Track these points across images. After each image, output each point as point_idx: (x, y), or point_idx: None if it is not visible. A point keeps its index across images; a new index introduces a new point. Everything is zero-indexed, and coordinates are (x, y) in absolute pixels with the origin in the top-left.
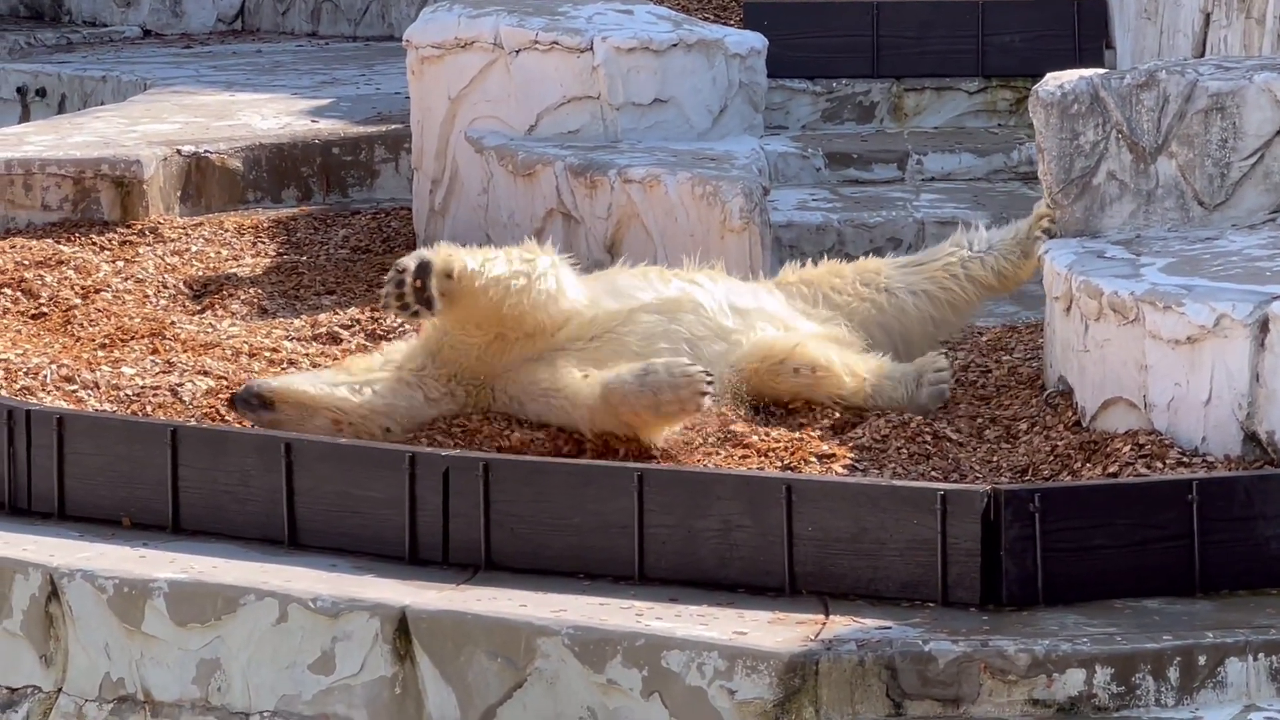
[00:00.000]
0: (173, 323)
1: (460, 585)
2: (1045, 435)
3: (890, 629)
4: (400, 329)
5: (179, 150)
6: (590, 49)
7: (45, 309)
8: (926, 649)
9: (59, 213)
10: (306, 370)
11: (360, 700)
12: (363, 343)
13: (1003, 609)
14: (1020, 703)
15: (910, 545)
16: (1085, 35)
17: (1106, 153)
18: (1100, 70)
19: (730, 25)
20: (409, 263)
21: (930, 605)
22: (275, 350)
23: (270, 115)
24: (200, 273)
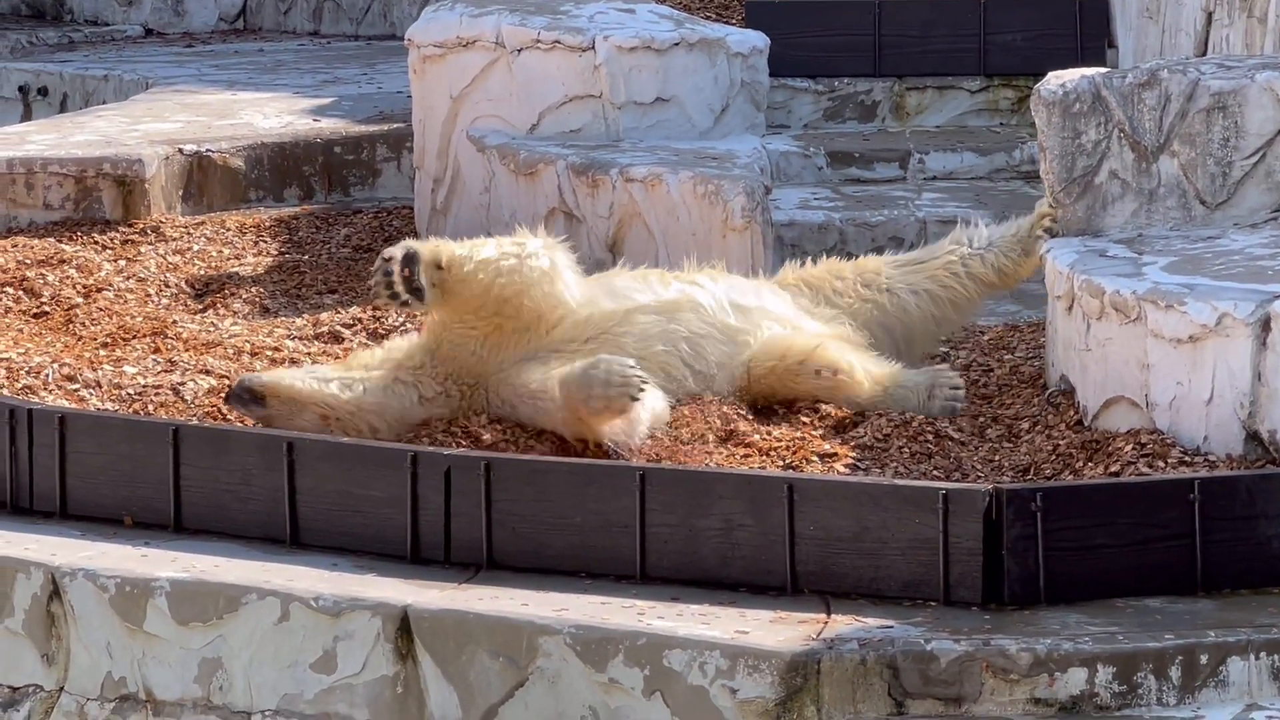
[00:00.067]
0: (174, 322)
1: (462, 584)
2: (1047, 434)
3: (892, 628)
4: (402, 327)
5: (181, 149)
6: (592, 48)
7: (47, 308)
8: (928, 648)
9: (61, 212)
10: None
11: (362, 699)
12: (364, 341)
13: (1004, 608)
14: (1022, 702)
15: (912, 544)
16: (1087, 34)
17: (1108, 152)
18: (1102, 69)
19: (732, 24)
20: (395, 252)
21: (932, 604)
22: (277, 349)
23: (272, 114)
24: (202, 272)
